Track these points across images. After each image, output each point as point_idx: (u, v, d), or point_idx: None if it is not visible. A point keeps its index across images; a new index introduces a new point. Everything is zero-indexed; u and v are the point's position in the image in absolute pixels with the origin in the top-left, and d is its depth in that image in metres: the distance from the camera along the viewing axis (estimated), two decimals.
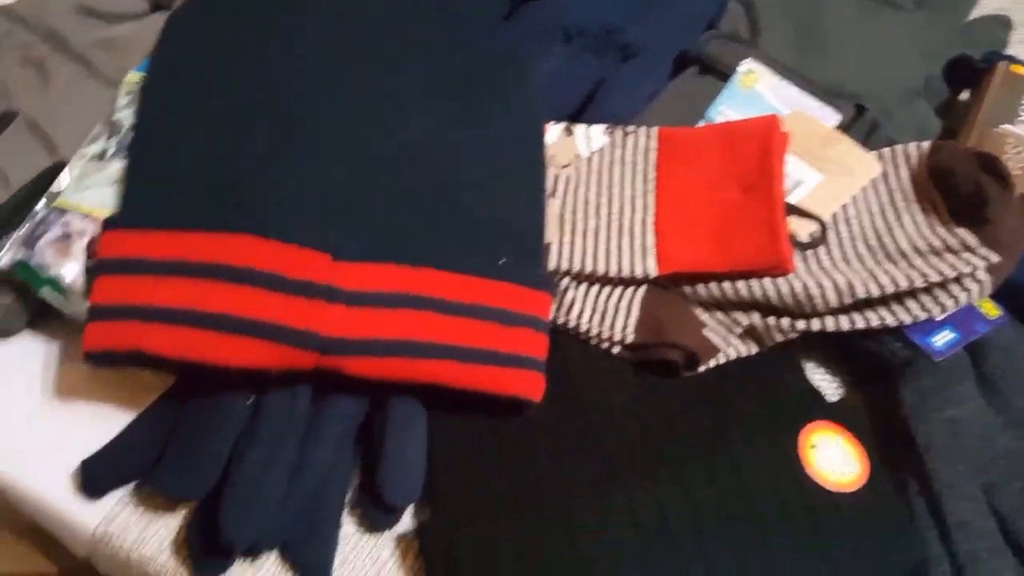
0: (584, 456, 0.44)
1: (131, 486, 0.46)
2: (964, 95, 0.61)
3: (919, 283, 0.44)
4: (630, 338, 0.47)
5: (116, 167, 0.47)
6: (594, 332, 0.48)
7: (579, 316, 0.48)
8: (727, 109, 0.54)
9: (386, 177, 0.47)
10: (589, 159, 0.52)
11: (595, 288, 0.50)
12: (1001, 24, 0.66)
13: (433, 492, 0.44)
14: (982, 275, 0.45)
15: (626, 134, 0.52)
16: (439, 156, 0.48)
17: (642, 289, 0.49)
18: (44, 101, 0.51)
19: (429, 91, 0.49)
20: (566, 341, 0.48)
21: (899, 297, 0.46)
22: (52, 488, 0.46)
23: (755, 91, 0.55)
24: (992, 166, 0.45)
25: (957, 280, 0.45)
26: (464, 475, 0.44)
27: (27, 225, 0.47)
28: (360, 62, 0.50)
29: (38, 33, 0.54)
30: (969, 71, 0.60)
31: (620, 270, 0.49)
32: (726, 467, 0.43)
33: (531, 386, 0.44)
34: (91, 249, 0.46)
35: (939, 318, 0.47)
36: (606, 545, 0.40)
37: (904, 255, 0.46)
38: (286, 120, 0.47)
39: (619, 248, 0.49)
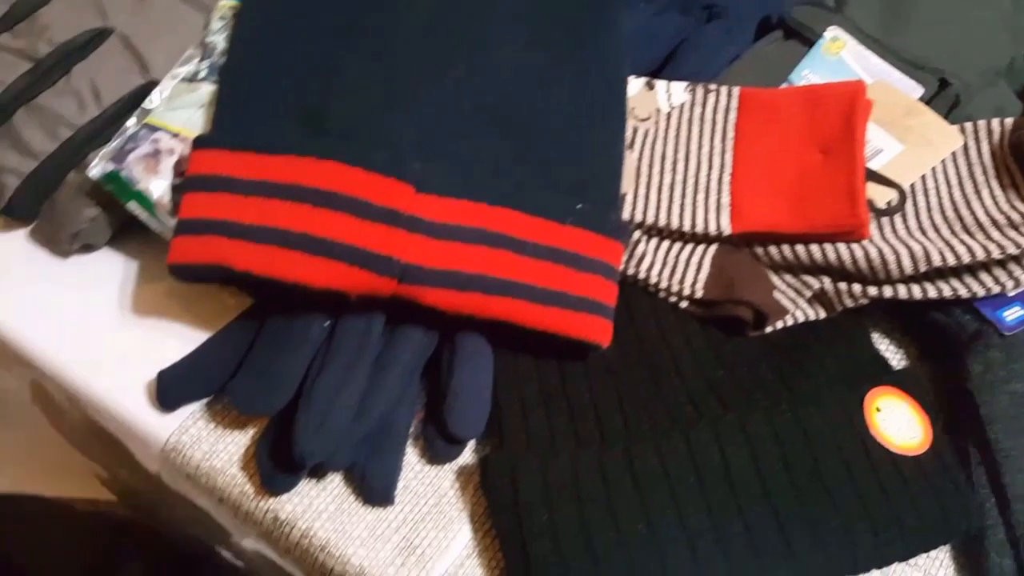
0: (647, 401, 0.45)
1: (205, 401, 0.47)
2: None
3: (996, 255, 0.44)
4: (699, 293, 0.48)
5: (207, 89, 0.48)
6: (663, 285, 0.48)
7: (649, 269, 0.49)
8: (810, 74, 0.54)
9: (471, 113, 0.47)
10: (669, 114, 0.53)
11: (666, 243, 0.50)
12: None
13: (496, 427, 0.45)
14: None
15: (707, 92, 0.53)
16: (524, 95, 0.49)
17: (713, 247, 0.49)
18: (139, 20, 0.52)
19: (518, 30, 0.50)
20: (635, 291, 0.49)
21: (972, 269, 0.46)
22: (128, 399, 0.47)
23: (839, 58, 0.54)
24: None
25: None
26: (527, 412, 0.45)
27: (118, 140, 0.48)
28: (445, 12, 0.51)
29: None
30: None
31: (694, 226, 0.49)
32: (790, 422, 0.43)
33: (599, 331, 0.45)
34: (179, 168, 0.47)
35: (1011, 293, 0.47)
36: (667, 487, 0.41)
37: (981, 227, 0.46)
38: (375, 50, 0.48)
39: (694, 204, 0.49)
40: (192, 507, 0.49)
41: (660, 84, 0.53)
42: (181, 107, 0.48)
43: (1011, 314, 0.47)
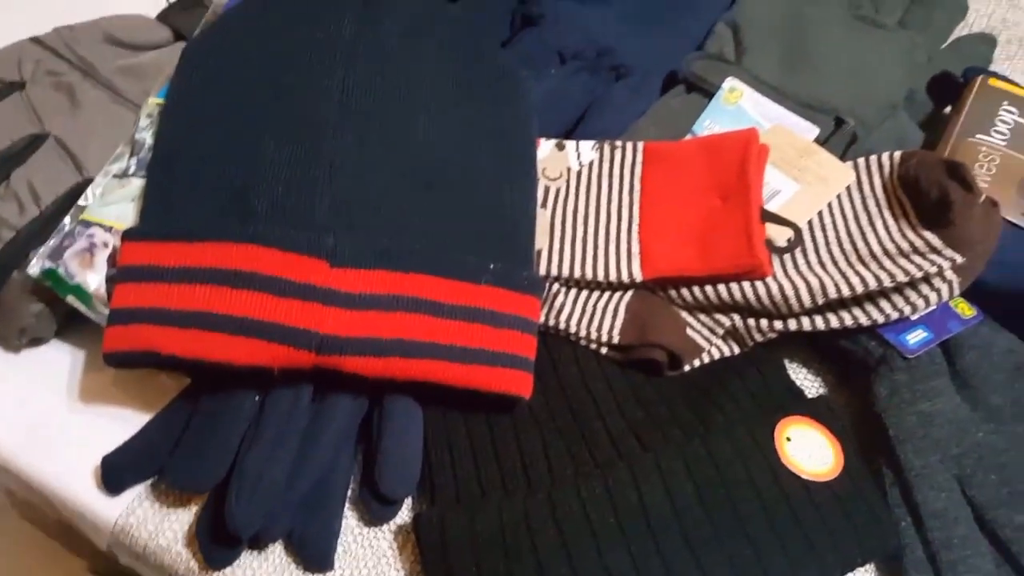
0: (571, 446, 0.46)
1: (150, 481, 0.49)
2: (947, 110, 0.63)
3: (888, 283, 0.46)
4: (616, 339, 0.50)
5: (137, 183, 0.51)
6: (582, 334, 0.50)
7: (568, 319, 0.51)
8: (712, 124, 0.57)
9: (390, 179, 0.50)
10: (579, 172, 0.55)
11: (584, 293, 0.52)
12: (986, 41, 0.69)
13: (428, 483, 0.46)
14: (949, 275, 0.47)
15: (614, 148, 0.55)
16: (440, 162, 0.52)
17: (628, 293, 0.52)
18: (73, 123, 0.55)
19: (433, 98, 0.53)
20: (557, 340, 0.51)
21: (871, 297, 0.48)
22: (77, 484, 0.49)
23: (738, 107, 0.57)
24: (957, 172, 0.47)
25: (926, 280, 0.47)
26: (456, 466, 0.46)
27: (55, 237, 0.51)
28: (363, 84, 0.53)
29: (68, 61, 0.58)
30: (951, 86, 0.63)
31: (607, 275, 0.51)
32: (704, 457, 0.45)
33: (519, 383, 0.47)
34: (112, 260, 0.50)
35: (912, 318, 0.49)
36: (588, 531, 0.43)
37: (875, 257, 0.48)
38: (292, 128, 0.50)
39: (606, 254, 0.52)
40: None
41: (570, 144, 0.56)
42: (113, 202, 0.51)
43: (913, 337, 0.49)
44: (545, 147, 0.56)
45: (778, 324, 0.49)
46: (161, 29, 0.62)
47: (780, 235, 0.50)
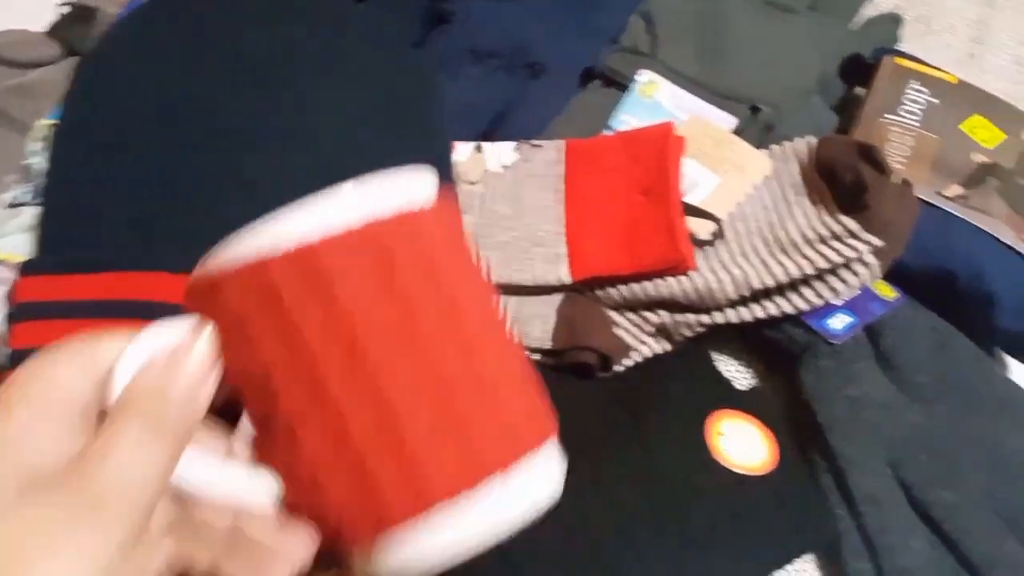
0: None
1: None
2: (859, 91, 0.64)
3: (808, 271, 0.46)
4: (548, 344, 0.49)
5: (30, 213, 0.48)
6: None
7: None
8: (628, 118, 0.57)
9: (301, 194, 0.48)
10: (500, 175, 0.54)
11: (513, 299, 0.51)
12: (893, 21, 0.70)
13: None
14: (869, 258, 0.47)
15: (534, 148, 0.54)
16: (352, 172, 0.50)
17: (558, 296, 0.51)
18: None
19: (342, 109, 0.51)
20: None
21: (793, 285, 0.48)
22: None
23: (654, 100, 0.57)
24: (870, 155, 0.48)
25: (846, 265, 0.47)
26: None
27: None
28: (272, 93, 0.52)
29: None
30: (861, 68, 0.63)
31: (535, 279, 0.50)
32: (640, 460, 0.44)
33: None
34: (10, 296, 0.47)
35: (835, 303, 0.49)
36: (530, 548, 0.42)
37: (795, 246, 0.48)
38: (196, 145, 0.48)
39: (533, 258, 0.51)
40: None
41: (488, 146, 0.55)
42: (6, 234, 0.48)
43: (837, 322, 0.49)
44: (464, 150, 0.55)
45: (705, 318, 0.49)
46: (50, 44, 0.58)
47: (702, 228, 0.50)
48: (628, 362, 0.50)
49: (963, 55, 0.72)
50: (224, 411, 0.29)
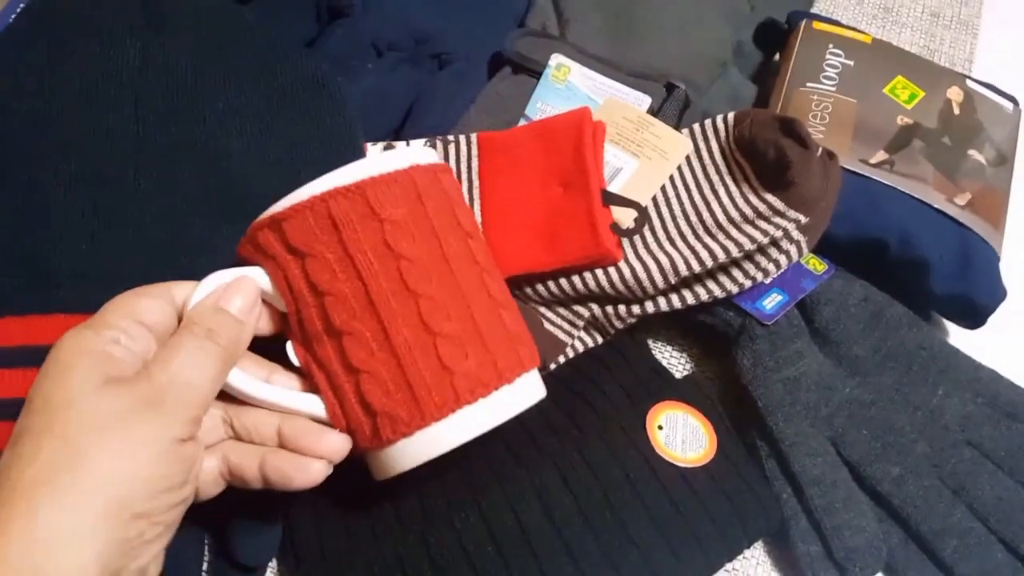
0: (444, 482, 0.43)
1: None
2: (777, 58, 0.63)
3: (735, 253, 0.45)
4: None
5: None
6: None
7: None
8: (544, 105, 0.54)
9: (201, 225, 0.45)
10: None
11: None
12: None
13: (290, 542, 0.43)
14: (797, 235, 0.46)
15: (447, 144, 0.52)
16: (259, 188, 0.47)
17: None
18: None
19: (241, 122, 0.48)
20: None
21: (723, 268, 0.46)
22: None
23: (569, 84, 0.55)
24: (791, 129, 0.46)
25: (774, 244, 0.46)
26: (321, 522, 0.43)
27: None
28: (165, 111, 0.48)
29: None
30: (777, 34, 0.62)
31: None
32: (579, 464, 0.43)
33: None
34: None
35: (766, 282, 0.48)
36: (467, 564, 0.40)
37: (721, 227, 0.47)
38: (87, 183, 0.45)
39: None
40: None
41: (399, 146, 0.52)
42: None
43: (769, 302, 0.48)
44: (373, 152, 0.52)
45: (636, 308, 0.47)
46: None
47: (626, 216, 0.48)
48: (561, 358, 0.49)
49: (878, 10, 0.71)
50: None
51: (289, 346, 0.38)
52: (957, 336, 0.53)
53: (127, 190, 0.45)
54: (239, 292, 0.36)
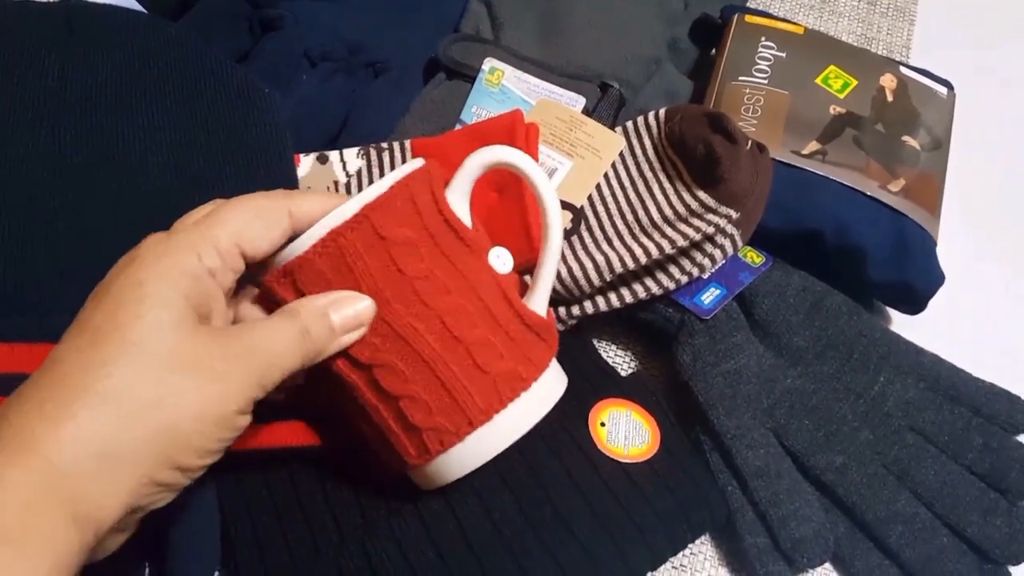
0: (384, 491, 0.43)
1: None
2: (714, 54, 0.63)
3: (669, 250, 0.45)
4: None
5: None
6: None
7: None
8: (479, 110, 0.54)
9: (117, 246, 0.44)
10: (348, 184, 0.51)
11: None
12: None
13: (231, 560, 0.42)
14: (730, 229, 0.46)
15: (380, 152, 0.52)
16: (187, 206, 0.46)
17: None
18: None
19: (166, 140, 0.47)
20: None
21: (659, 265, 0.46)
22: None
23: (503, 88, 0.55)
24: (719, 124, 0.46)
25: (709, 240, 0.46)
26: (260, 535, 0.42)
27: None
28: (85, 131, 0.47)
29: None
30: (712, 29, 0.62)
31: None
32: (519, 464, 0.42)
33: (303, 434, 0.43)
34: None
35: (703, 277, 0.48)
36: (409, 572, 0.40)
37: (656, 225, 0.47)
38: (10, 209, 0.44)
39: None
40: None
41: (333, 155, 0.52)
42: None
43: (707, 297, 0.48)
44: (306, 163, 0.51)
45: (575, 309, 0.47)
46: None
47: (564, 218, 0.48)
48: None
49: (815, 0, 0.72)
50: None
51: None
52: (899, 322, 0.53)
53: (39, 215, 0.45)
54: (354, 305, 0.36)
